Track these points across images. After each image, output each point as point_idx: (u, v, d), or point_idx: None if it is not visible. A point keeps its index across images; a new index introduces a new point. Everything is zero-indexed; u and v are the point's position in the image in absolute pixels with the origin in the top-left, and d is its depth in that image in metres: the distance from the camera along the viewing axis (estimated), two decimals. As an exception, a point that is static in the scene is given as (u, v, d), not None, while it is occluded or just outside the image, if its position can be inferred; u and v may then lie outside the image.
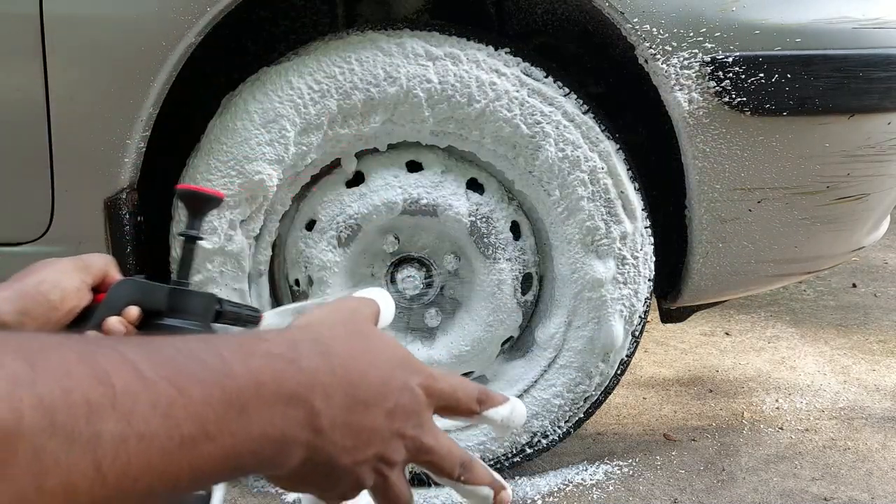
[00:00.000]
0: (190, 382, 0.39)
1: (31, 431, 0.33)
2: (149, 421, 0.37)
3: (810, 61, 1.33)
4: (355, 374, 0.46)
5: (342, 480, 0.47)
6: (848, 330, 2.37)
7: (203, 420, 0.39)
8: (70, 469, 0.34)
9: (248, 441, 0.41)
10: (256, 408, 0.41)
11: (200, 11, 1.30)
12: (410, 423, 0.49)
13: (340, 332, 0.48)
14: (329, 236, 1.48)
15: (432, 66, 1.36)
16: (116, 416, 0.36)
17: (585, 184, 1.41)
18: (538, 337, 1.55)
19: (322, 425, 0.44)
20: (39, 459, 0.33)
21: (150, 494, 0.37)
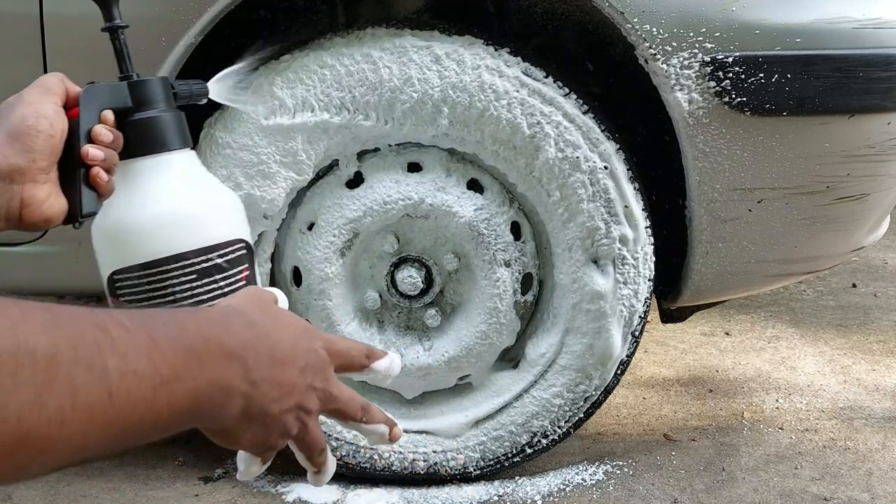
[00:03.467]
0: (160, 334, 0.48)
1: (64, 360, 0.42)
2: (138, 361, 0.46)
3: (810, 61, 1.33)
4: (273, 338, 0.56)
5: (273, 428, 0.57)
6: (848, 330, 2.37)
7: (173, 364, 0.48)
8: (90, 392, 0.43)
9: (206, 385, 0.50)
10: (208, 358, 0.50)
11: (200, 11, 1.30)
12: (319, 378, 0.60)
13: (256, 308, 0.60)
14: (328, 242, 1.47)
15: (437, 67, 1.36)
16: (116, 355, 0.45)
17: (586, 185, 1.41)
18: (528, 352, 1.55)
19: (254, 378, 0.53)
20: (71, 382, 0.42)
21: (139, 426, 0.46)
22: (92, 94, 0.81)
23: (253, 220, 1.42)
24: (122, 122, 0.83)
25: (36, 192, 0.75)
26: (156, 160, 0.83)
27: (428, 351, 1.54)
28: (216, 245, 0.81)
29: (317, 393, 0.60)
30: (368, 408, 0.67)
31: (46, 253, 1.43)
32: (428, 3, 1.59)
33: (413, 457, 1.58)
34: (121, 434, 0.45)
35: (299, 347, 0.59)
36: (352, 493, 1.58)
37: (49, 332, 0.42)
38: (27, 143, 0.73)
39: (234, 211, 0.86)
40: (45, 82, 0.78)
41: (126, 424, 0.45)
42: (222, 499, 1.57)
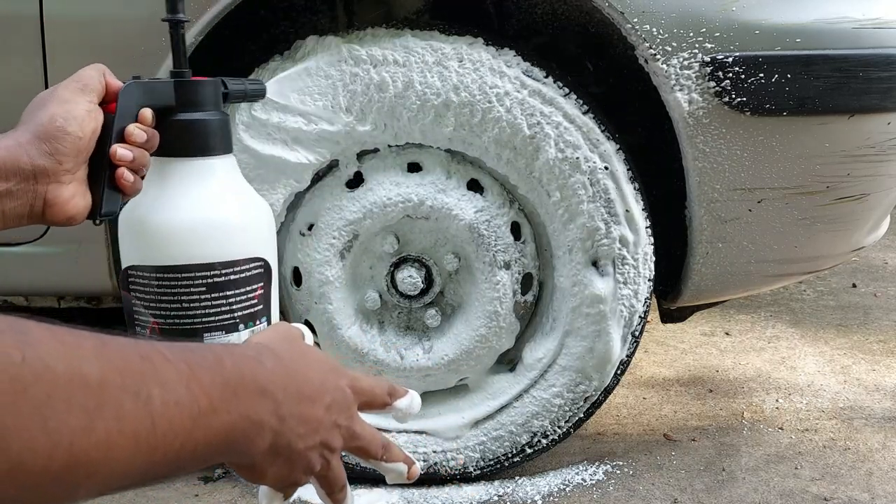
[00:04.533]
0: (199, 367, 0.49)
1: (113, 386, 0.43)
2: (179, 391, 0.47)
3: (810, 61, 1.33)
4: (301, 376, 0.58)
5: (298, 464, 0.58)
6: (848, 330, 2.37)
7: (211, 397, 0.49)
8: (136, 418, 0.44)
9: (239, 418, 0.51)
10: (243, 393, 0.51)
11: (200, 11, 1.30)
12: (344, 416, 0.61)
13: (286, 346, 0.61)
14: (328, 244, 1.47)
15: (440, 68, 1.36)
16: (159, 385, 0.46)
17: (586, 185, 1.41)
18: (525, 356, 1.55)
19: (283, 414, 0.55)
20: (119, 408, 0.43)
21: (178, 455, 0.47)
22: (132, 90, 0.80)
23: None
24: (164, 121, 0.81)
25: (60, 192, 0.74)
26: (193, 164, 0.82)
27: (428, 353, 1.54)
28: (233, 262, 0.80)
29: (341, 431, 0.61)
30: (389, 446, 0.68)
31: (46, 253, 1.43)
32: (428, 4, 1.59)
33: (413, 457, 1.58)
34: (161, 462, 0.46)
35: (327, 385, 0.60)
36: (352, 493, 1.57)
37: (100, 359, 0.43)
38: (54, 144, 0.72)
39: (261, 227, 0.84)
40: (83, 77, 0.77)
41: (167, 452, 0.46)
42: (222, 499, 1.58)
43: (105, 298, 1.56)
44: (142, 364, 0.46)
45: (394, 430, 1.58)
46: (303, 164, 1.40)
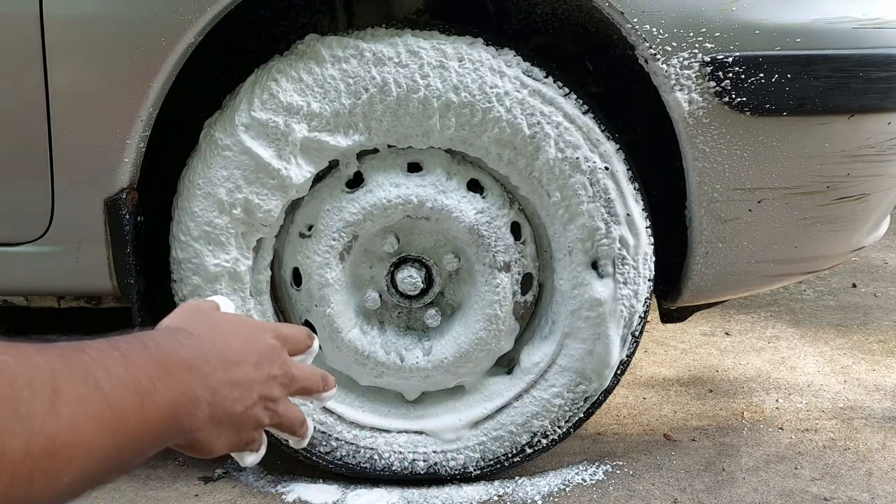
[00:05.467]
0: (129, 351, 0.52)
1: (63, 373, 0.46)
2: (120, 374, 0.49)
3: (810, 61, 1.33)
4: (221, 343, 0.60)
5: (243, 426, 0.60)
6: (848, 330, 2.37)
7: (149, 375, 0.51)
8: (93, 401, 0.47)
9: (178, 394, 0.53)
10: (173, 370, 0.54)
11: (200, 11, 1.30)
12: (276, 366, 0.64)
13: (197, 321, 0.63)
14: (328, 246, 1.47)
15: (443, 68, 1.36)
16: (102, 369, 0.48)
17: (586, 185, 1.41)
18: (523, 360, 1.55)
19: (212, 384, 0.56)
20: (75, 392, 0.46)
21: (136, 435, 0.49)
22: None
23: (251, 226, 1.43)
24: None
25: None
26: None
27: (427, 355, 1.54)
28: None
29: (278, 380, 0.64)
30: (326, 376, 0.72)
31: (46, 253, 1.43)
32: (428, 3, 1.59)
33: (413, 457, 1.58)
34: (125, 444, 0.49)
35: (250, 344, 0.62)
36: (352, 493, 1.58)
37: (42, 353, 0.46)
38: None
39: None
40: None
41: (127, 432, 0.48)
42: (222, 499, 1.57)
43: (105, 298, 1.56)
44: (79, 355, 0.48)
45: (394, 431, 1.58)
46: (305, 176, 1.40)
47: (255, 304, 1.49)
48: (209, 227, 1.42)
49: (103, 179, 1.37)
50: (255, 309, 1.49)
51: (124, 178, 1.38)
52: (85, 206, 1.39)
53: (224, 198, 1.40)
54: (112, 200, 1.38)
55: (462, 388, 1.59)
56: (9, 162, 1.38)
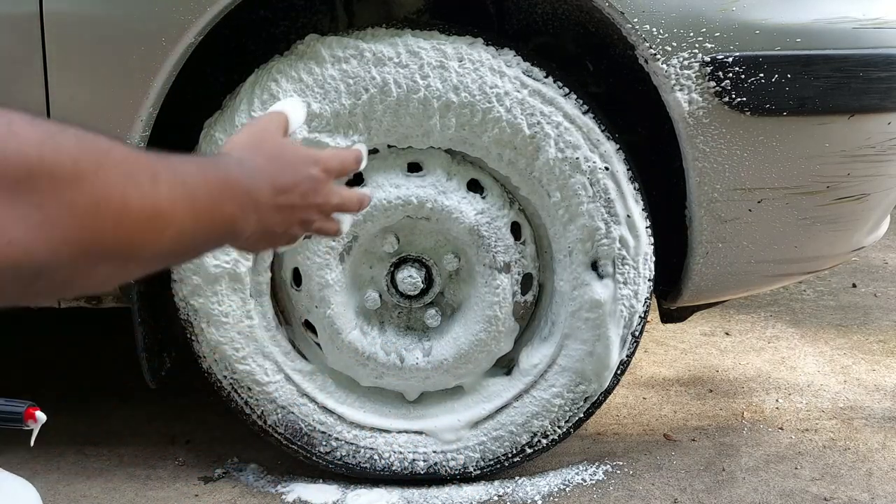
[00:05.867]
0: (203, 166, 0.64)
1: (158, 165, 0.56)
2: (198, 180, 0.60)
3: (810, 61, 1.33)
4: (273, 175, 0.71)
5: (281, 238, 0.74)
6: (848, 330, 2.37)
7: (219, 191, 0.62)
8: (180, 190, 0.57)
9: (235, 210, 0.64)
10: (235, 192, 0.65)
11: (200, 11, 1.30)
12: (319, 196, 0.76)
13: (257, 150, 0.73)
14: (328, 247, 1.47)
15: (443, 68, 1.36)
16: (184, 174, 0.59)
17: (586, 186, 1.41)
18: (521, 362, 1.55)
19: (262, 208, 0.68)
20: (167, 180, 0.56)
21: (205, 230, 0.61)
22: None
23: None
24: None
25: None
26: None
27: (427, 356, 1.54)
28: None
29: (318, 208, 0.77)
30: (363, 199, 0.83)
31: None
32: (428, 3, 1.59)
33: (413, 457, 1.58)
34: (198, 232, 0.60)
35: (297, 177, 0.74)
36: (352, 493, 1.58)
37: (128, 146, 0.56)
38: None
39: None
40: None
41: (201, 224, 0.60)
42: (222, 499, 1.57)
43: (105, 298, 1.56)
44: (166, 159, 0.58)
45: (394, 431, 1.58)
46: None
47: (255, 306, 1.49)
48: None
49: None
50: (255, 310, 1.49)
51: (124, 178, 1.38)
52: (85, 206, 1.39)
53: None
54: (112, 200, 1.38)
55: (461, 388, 1.59)
56: (9, 162, 1.37)
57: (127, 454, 1.73)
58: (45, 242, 0.49)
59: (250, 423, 1.57)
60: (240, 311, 1.48)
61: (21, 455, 1.68)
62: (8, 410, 0.94)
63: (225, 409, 1.60)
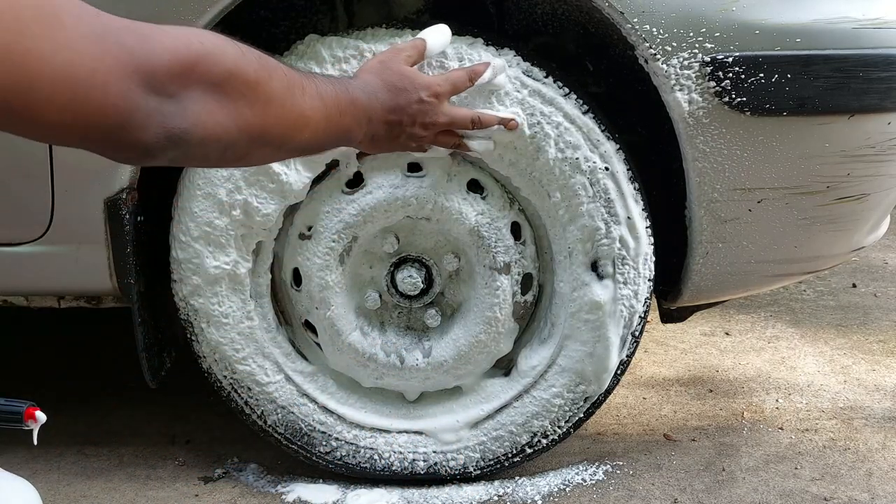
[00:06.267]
0: (339, 90, 0.89)
1: (307, 84, 0.83)
2: (331, 96, 0.86)
3: (810, 61, 1.33)
4: (389, 99, 0.95)
5: (395, 147, 1.01)
6: (848, 330, 2.37)
7: (347, 104, 0.88)
8: (318, 101, 0.83)
9: (354, 122, 0.89)
10: (358, 108, 0.90)
11: (200, 11, 1.30)
12: (428, 117, 1.00)
13: (378, 76, 0.97)
14: (328, 248, 1.47)
15: (442, 68, 1.36)
16: (320, 92, 0.85)
17: (586, 186, 1.41)
18: (520, 363, 1.55)
19: (376, 122, 0.94)
20: (312, 93, 0.82)
21: (328, 131, 0.85)
22: None
23: (250, 229, 1.42)
24: None
25: None
26: None
27: (427, 357, 1.54)
28: None
29: (427, 128, 1.00)
30: (479, 116, 1.09)
31: (46, 253, 1.43)
32: (428, 4, 1.59)
33: (413, 457, 1.58)
34: (327, 134, 0.83)
35: (410, 101, 0.96)
36: (352, 493, 1.58)
37: (289, 66, 0.81)
38: None
39: None
40: None
41: (329, 128, 0.84)
42: (222, 499, 1.57)
43: (105, 298, 1.56)
44: (313, 79, 0.83)
45: (394, 431, 1.58)
46: (304, 182, 1.41)
47: (255, 307, 1.49)
48: (209, 227, 1.42)
49: (103, 179, 1.37)
50: (255, 311, 1.49)
51: (124, 179, 1.38)
52: (85, 206, 1.39)
53: (224, 198, 1.40)
54: (112, 200, 1.38)
55: (459, 389, 1.59)
56: (9, 162, 1.38)
57: (127, 454, 1.73)
58: (235, 125, 0.70)
59: (250, 423, 1.57)
60: (240, 312, 1.48)
61: (21, 455, 1.68)
62: (8, 410, 0.94)
63: (225, 409, 1.60)
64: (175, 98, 0.65)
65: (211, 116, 0.67)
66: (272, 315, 1.53)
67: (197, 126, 0.66)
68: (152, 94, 0.64)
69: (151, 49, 0.66)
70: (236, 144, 0.71)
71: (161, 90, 0.65)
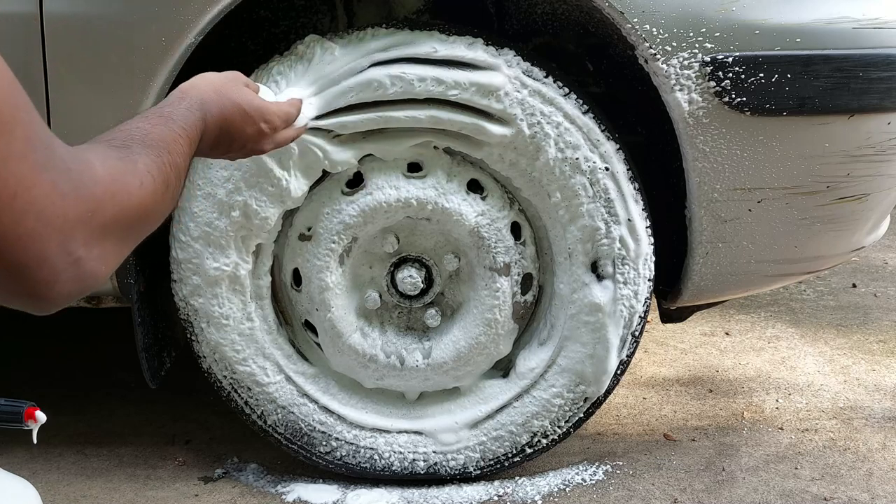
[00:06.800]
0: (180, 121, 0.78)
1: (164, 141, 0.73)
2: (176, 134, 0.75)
3: (810, 61, 1.33)
4: (231, 129, 0.86)
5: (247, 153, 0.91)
6: (848, 330, 2.37)
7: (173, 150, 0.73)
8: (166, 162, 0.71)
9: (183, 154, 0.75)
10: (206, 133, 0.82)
11: (200, 11, 1.30)
12: (264, 142, 0.92)
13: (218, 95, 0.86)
14: (328, 249, 1.47)
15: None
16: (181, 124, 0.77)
17: (586, 186, 1.41)
18: (519, 365, 1.55)
19: (220, 143, 0.85)
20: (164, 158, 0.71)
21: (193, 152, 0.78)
22: None
23: (249, 231, 1.42)
24: None
25: None
26: None
27: (427, 358, 1.54)
28: None
29: (267, 145, 0.93)
30: (291, 116, 0.96)
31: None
32: (428, 3, 1.59)
33: (413, 457, 1.58)
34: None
35: (246, 133, 0.88)
36: (352, 493, 1.58)
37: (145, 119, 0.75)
38: None
39: None
40: None
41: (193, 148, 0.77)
42: (222, 499, 1.57)
43: (105, 298, 1.56)
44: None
45: (394, 431, 1.58)
46: (303, 190, 1.41)
47: (255, 308, 1.49)
48: (209, 227, 1.42)
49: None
50: (255, 313, 1.49)
51: (124, 178, 1.38)
52: (85, 206, 1.39)
53: (224, 199, 1.40)
54: (112, 200, 1.38)
55: (458, 389, 1.59)
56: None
57: (127, 454, 1.73)
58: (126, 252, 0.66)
59: (250, 422, 1.57)
60: (240, 314, 1.48)
61: (21, 455, 1.68)
62: (8, 410, 0.94)
63: (225, 409, 1.60)
64: (79, 263, 0.57)
65: (108, 263, 0.60)
66: (272, 316, 1.53)
67: (92, 279, 0.59)
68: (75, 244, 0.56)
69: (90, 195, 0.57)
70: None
71: (88, 240, 0.57)
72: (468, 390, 1.58)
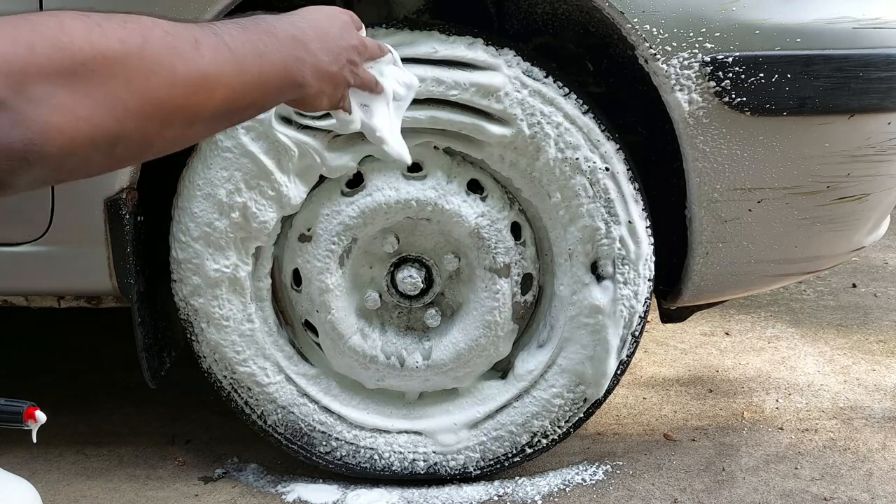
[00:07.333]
0: (249, 26, 0.70)
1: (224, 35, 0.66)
2: (241, 38, 0.67)
3: (810, 61, 1.33)
4: (313, 22, 0.77)
5: (338, 82, 0.79)
6: (848, 330, 2.37)
7: (264, 42, 0.69)
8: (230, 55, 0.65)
9: (286, 57, 0.71)
10: (282, 40, 0.71)
11: (200, 11, 1.30)
12: (353, 37, 0.85)
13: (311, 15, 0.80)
14: (327, 251, 1.47)
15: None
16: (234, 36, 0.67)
17: (586, 186, 1.41)
18: (517, 366, 1.55)
19: (313, 50, 0.74)
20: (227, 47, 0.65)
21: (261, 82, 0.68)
22: None
23: (249, 233, 1.42)
24: None
25: None
26: None
27: (427, 359, 1.54)
28: None
29: (356, 48, 0.85)
30: (382, 46, 0.94)
31: (46, 253, 1.43)
32: (428, 3, 1.59)
33: (413, 457, 1.58)
34: (251, 88, 0.66)
35: (333, 22, 0.82)
36: (352, 493, 1.58)
37: (173, 22, 0.64)
38: None
39: None
40: None
41: (252, 80, 0.66)
42: (222, 499, 1.57)
43: (105, 298, 1.56)
44: (206, 25, 0.66)
45: (394, 431, 1.58)
46: (301, 196, 1.41)
47: (256, 310, 1.49)
48: (209, 228, 1.42)
49: (103, 179, 1.37)
50: (256, 314, 1.49)
51: (124, 178, 1.38)
52: (85, 206, 1.39)
53: (224, 199, 1.40)
54: (112, 200, 1.38)
55: (457, 389, 1.59)
56: (9, 162, 1.37)
57: (127, 454, 1.73)
58: (110, 114, 0.56)
59: (250, 423, 1.57)
60: (241, 315, 1.48)
61: (21, 455, 1.68)
62: (8, 410, 0.94)
63: (225, 409, 1.60)
64: (5, 107, 0.52)
65: (67, 115, 0.54)
66: (273, 317, 1.53)
67: (47, 133, 0.53)
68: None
69: None
70: (124, 136, 0.58)
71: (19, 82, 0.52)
72: (466, 391, 1.58)
